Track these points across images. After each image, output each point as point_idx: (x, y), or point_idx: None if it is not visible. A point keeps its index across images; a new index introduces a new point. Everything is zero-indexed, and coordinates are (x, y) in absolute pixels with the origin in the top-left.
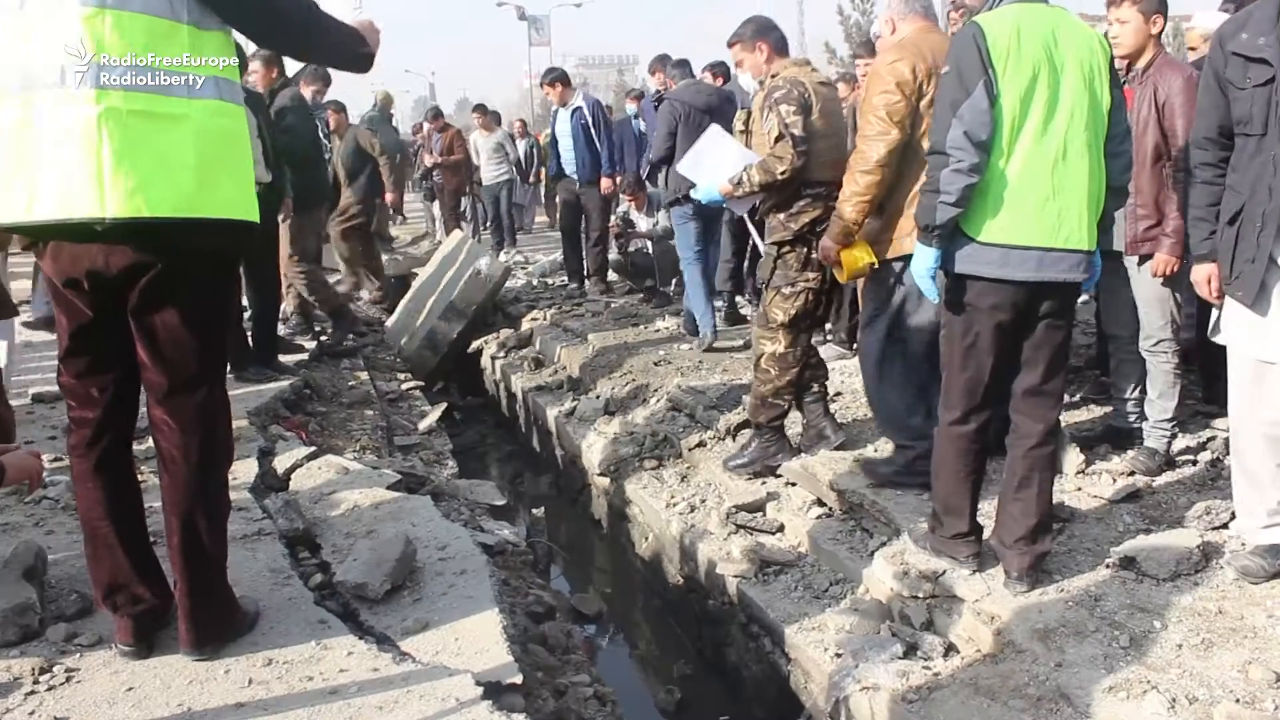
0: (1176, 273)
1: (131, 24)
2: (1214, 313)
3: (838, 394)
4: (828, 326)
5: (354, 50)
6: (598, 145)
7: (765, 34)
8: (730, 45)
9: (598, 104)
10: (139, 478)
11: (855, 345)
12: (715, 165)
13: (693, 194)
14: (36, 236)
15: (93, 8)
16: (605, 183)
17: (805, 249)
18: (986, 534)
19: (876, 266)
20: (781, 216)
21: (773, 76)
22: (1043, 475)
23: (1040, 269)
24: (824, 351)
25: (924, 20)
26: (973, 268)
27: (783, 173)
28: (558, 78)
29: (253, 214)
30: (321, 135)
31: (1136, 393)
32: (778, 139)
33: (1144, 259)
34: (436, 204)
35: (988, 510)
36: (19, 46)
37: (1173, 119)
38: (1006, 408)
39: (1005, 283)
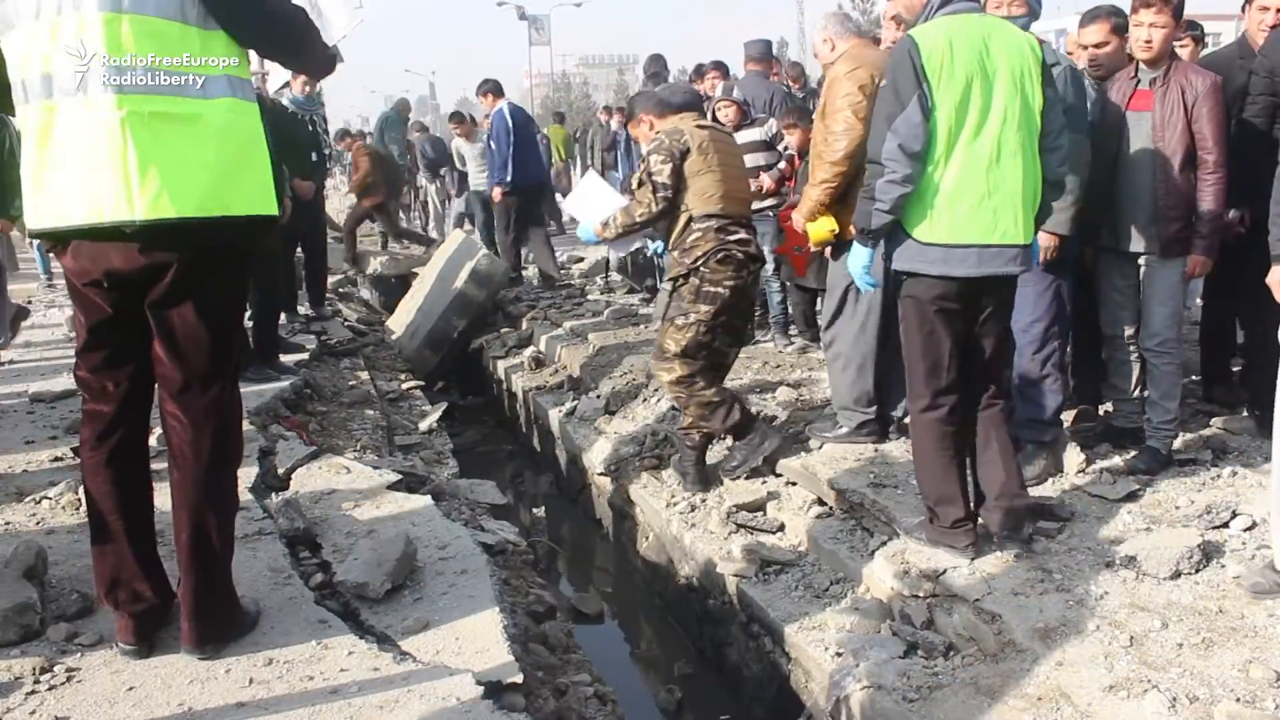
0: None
1: (146, 27)
2: None
3: None
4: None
5: (326, 56)
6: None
7: (642, 106)
8: (624, 126)
9: (500, 114)
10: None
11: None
12: (593, 208)
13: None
14: (64, 240)
15: (109, 12)
16: (495, 192)
17: (698, 281)
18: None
19: (837, 232)
20: (676, 254)
21: (657, 134)
22: (999, 432)
23: (980, 265)
24: (821, 352)
25: (858, 38)
26: (918, 266)
27: (641, 215)
28: (489, 89)
29: (272, 208)
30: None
31: (1137, 392)
32: (639, 185)
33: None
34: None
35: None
36: (37, 54)
37: (1201, 122)
38: (971, 394)
39: (949, 278)
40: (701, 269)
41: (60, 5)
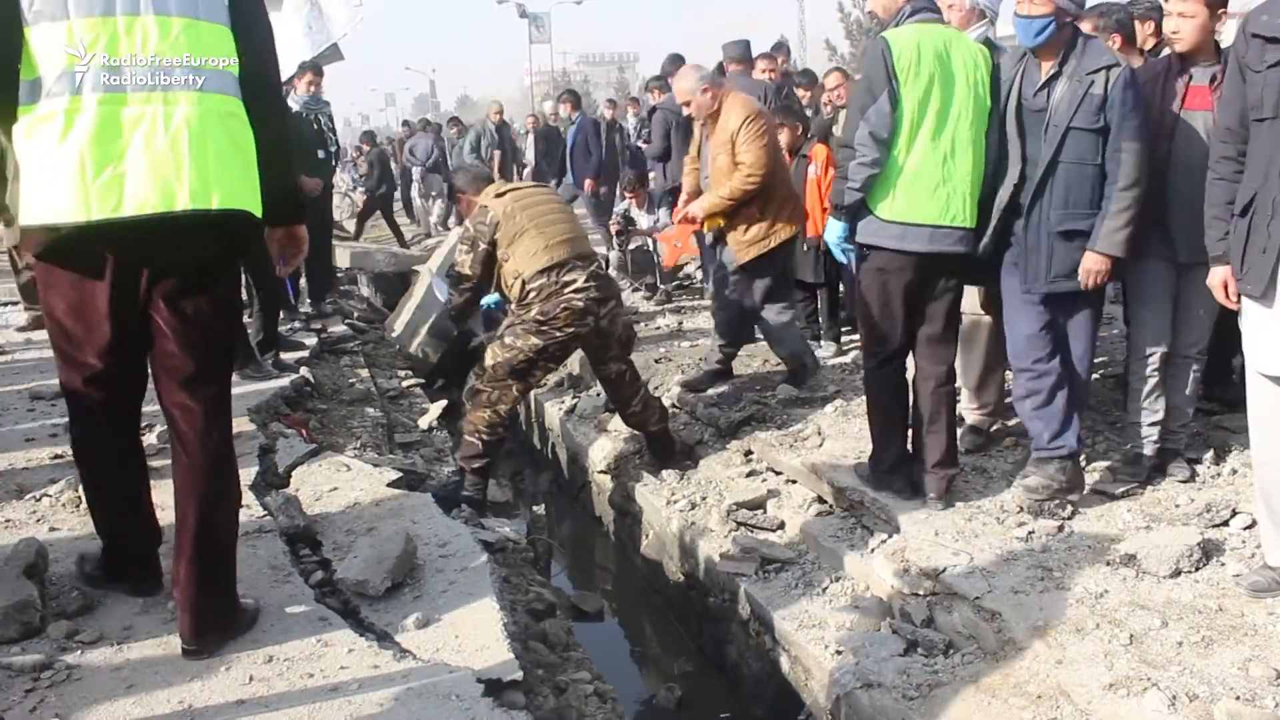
0: None
1: (215, 34)
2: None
3: (837, 391)
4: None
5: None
6: None
7: (460, 184)
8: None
9: None
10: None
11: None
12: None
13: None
14: (104, 233)
15: (189, 18)
16: None
17: (538, 320)
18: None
19: (722, 225)
20: (516, 307)
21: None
22: (947, 410)
23: (932, 243)
24: (821, 351)
25: (724, 86)
26: (879, 240)
27: (453, 310)
28: None
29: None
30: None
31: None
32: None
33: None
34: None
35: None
36: (102, 48)
37: None
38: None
39: (905, 252)
40: (540, 318)
41: (139, 6)
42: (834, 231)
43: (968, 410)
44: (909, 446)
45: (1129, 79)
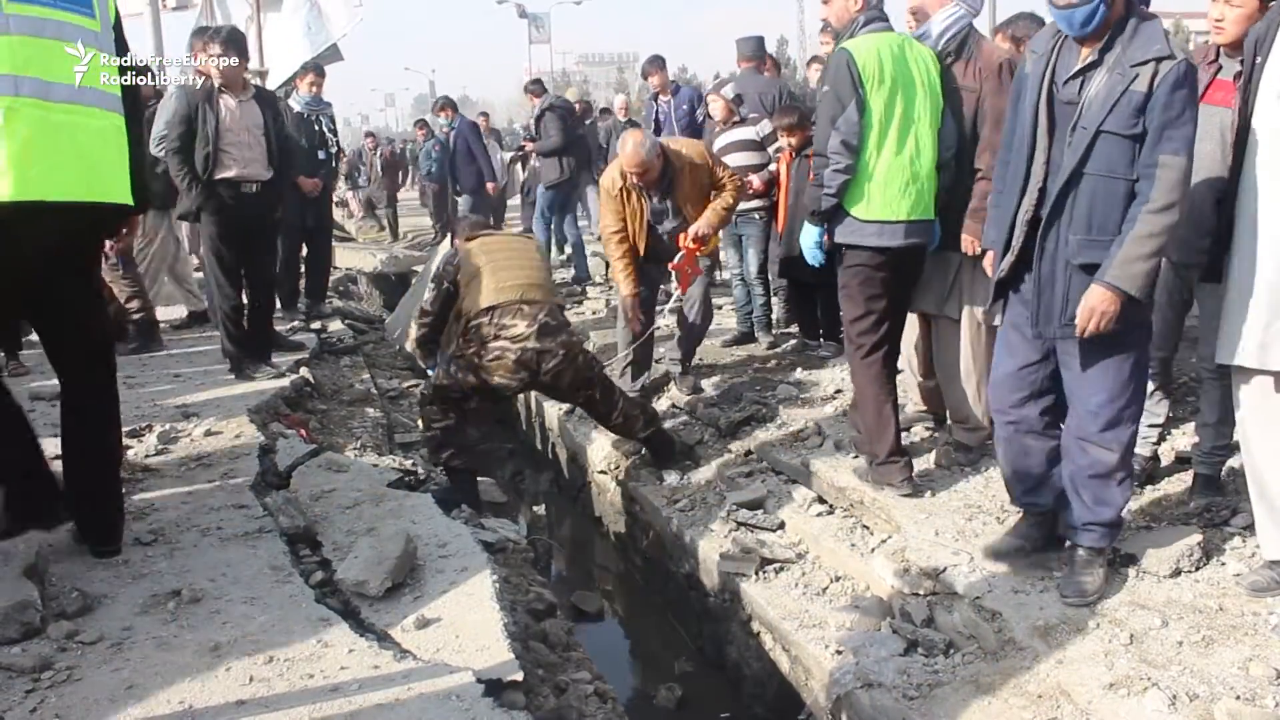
0: None
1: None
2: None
3: (838, 391)
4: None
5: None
6: None
7: (459, 234)
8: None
9: None
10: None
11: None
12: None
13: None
14: (27, 213)
15: (95, 50)
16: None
17: (472, 362)
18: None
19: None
20: (460, 341)
21: None
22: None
23: (907, 237)
24: (821, 350)
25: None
26: (859, 239)
27: (411, 347)
28: None
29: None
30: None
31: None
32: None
33: None
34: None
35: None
36: (39, 64)
37: None
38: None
39: (883, 249)
40: (474, 358)
41: (63, 34)
42: (811, 236)
43: (954, 427)
44: (901, 438)
45: (1181, 77)
